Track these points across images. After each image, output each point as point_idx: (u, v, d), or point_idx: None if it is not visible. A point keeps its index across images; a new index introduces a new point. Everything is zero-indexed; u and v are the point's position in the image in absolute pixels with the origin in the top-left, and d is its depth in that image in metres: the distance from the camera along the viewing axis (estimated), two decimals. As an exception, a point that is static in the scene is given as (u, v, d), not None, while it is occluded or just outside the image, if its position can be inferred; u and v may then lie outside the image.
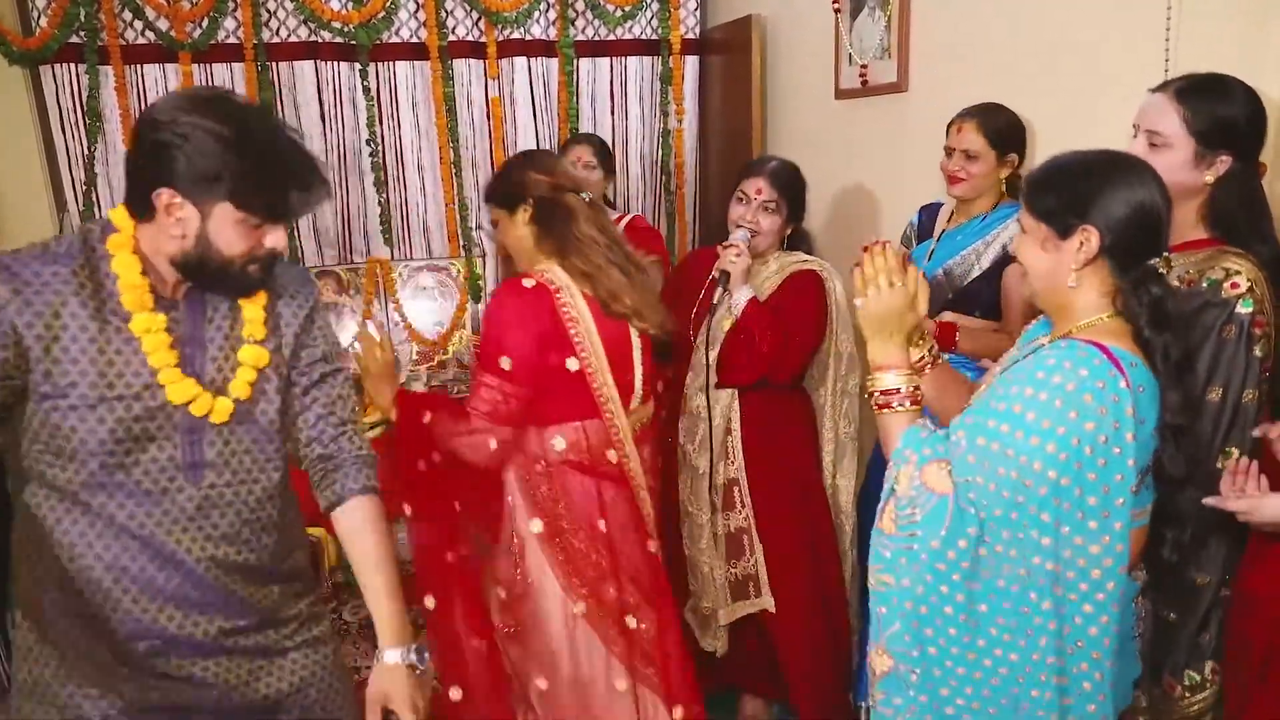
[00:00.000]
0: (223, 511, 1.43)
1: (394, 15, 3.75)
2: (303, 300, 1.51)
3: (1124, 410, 1.24)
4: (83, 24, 3.43)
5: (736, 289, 2.20)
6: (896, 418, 1.43)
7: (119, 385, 1.34)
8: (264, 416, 1.45)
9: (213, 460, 1.41)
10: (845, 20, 3.09)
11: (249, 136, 1.29)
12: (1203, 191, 1.61)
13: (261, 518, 1.47)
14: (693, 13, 4.10)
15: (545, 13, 3.92)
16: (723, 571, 2.34)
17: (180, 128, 1.26)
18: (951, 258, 2.29)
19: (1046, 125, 2.26)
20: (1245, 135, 1.57)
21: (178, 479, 1.39)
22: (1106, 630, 1.29)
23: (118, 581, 1.38)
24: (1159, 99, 1.61)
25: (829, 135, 3.36)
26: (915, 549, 1.32)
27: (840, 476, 2.40)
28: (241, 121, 1.29)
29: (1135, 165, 1.35)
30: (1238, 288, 1.52)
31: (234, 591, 1.45)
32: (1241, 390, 1.52)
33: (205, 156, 1.26)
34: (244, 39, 3.62)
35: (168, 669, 1.43)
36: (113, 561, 1.37)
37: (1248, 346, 1.52)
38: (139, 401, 1.35)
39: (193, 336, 1.40)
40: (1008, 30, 2.44)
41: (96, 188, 3.60)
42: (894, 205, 2.98)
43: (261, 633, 1.49)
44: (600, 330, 1.91)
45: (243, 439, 1.44)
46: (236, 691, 1.48)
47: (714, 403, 2.25)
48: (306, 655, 1.55)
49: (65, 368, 1.31)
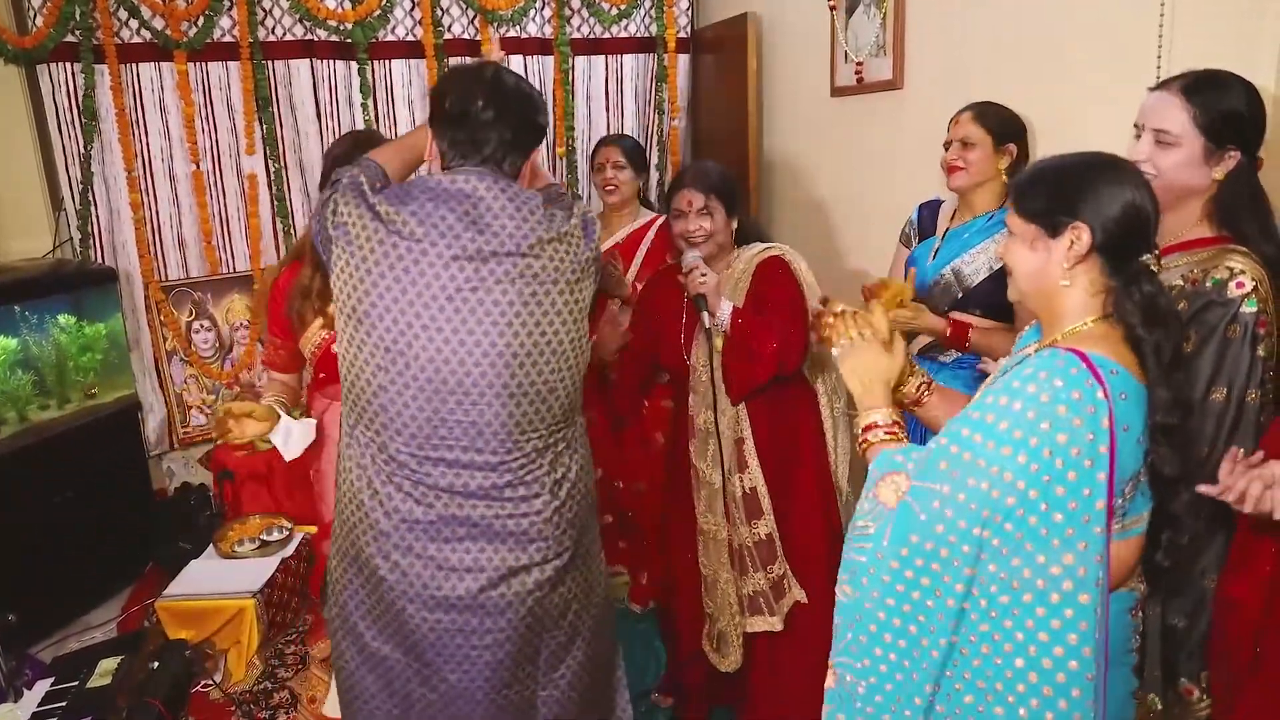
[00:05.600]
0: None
1: (390, 13, 3.76)
2: None
3: (1100, 422, 1.23)
4: (78, 23, 3.43)
5: (717, 307, 2.20)
6: (873, 449, 1.46)
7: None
8: None
9: None
10: (841, 17, 3.10)
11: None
12: (1209, 189, 1.59)
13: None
14: (686, 11, 4.11)
15: (541, 11, 3.93)
16: (747, 585, 2.30)
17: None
18: (958, 256, 2.27)
19: (1042, 122, 2.27)
20: (1251, 130, 1.56)
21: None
22: (1086, 640, 1.25)
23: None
24: (1164, 96, 1.59)
25: (824, 132, 3.37)
26: (864, 560, 1.34)
27: (839, 450, 2.42)
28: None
29: (1120, 164, 1.35)
30: (1243, 287, 1.50)
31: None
32: (1245, 390, 1.51)
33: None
34: (240, 37, 3.62)
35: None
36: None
37: (1252, 346, 1.50)
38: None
39: None
40: (1003, 27, 2.45)
41: (92, 186, 3.59)
42: (890, 202, 2.98)
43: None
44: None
45: None
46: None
47: (720, 414, 2.25)
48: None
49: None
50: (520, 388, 1.58)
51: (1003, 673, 1.28)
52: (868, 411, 1.49)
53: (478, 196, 1.56)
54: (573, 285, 1.62)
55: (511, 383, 1.57)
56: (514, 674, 1.70)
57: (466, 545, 1.62)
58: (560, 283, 1.60)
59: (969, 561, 1.26)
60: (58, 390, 3.32)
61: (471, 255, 1.53)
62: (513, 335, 1.55)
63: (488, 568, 1.63)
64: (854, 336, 1.53)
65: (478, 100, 1.60)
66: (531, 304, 1.57)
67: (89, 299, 3.44)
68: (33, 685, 2.69)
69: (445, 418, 1.56)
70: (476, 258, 1.53)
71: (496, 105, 1.60)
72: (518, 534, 1.64)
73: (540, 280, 1.58)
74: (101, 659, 2.76)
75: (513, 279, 1.55)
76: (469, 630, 1.65)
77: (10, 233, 3.58)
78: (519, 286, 1.56)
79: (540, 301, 1.58)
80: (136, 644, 2.86)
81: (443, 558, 1.62)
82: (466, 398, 1.56)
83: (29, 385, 3.22)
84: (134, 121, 3.62)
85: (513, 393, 1.57)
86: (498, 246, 1.55)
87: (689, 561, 2.39)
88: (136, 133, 3.63)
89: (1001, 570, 1.26)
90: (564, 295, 1.61)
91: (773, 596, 2.29)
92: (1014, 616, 1.26)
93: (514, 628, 1.67)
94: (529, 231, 1.57)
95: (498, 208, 1.57)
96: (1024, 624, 1.26)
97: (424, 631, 1.65)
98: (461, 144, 1.62)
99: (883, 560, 1.31)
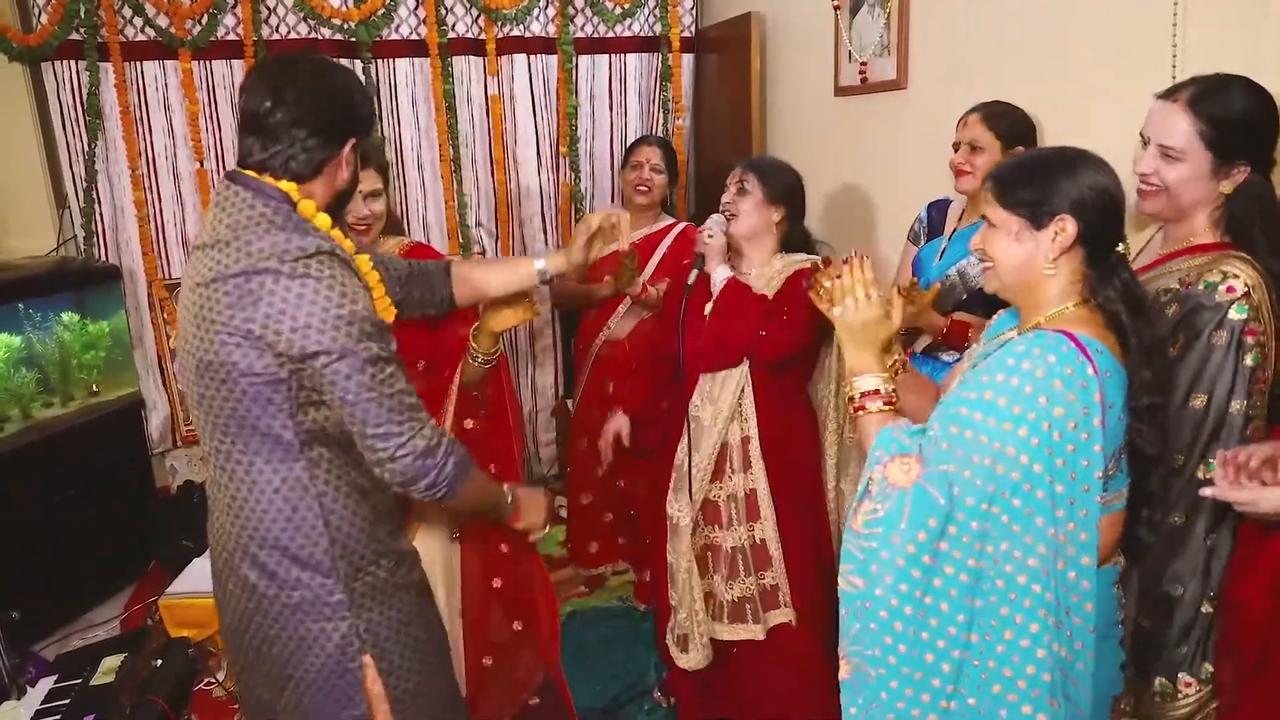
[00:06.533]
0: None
1: (394, 12, 3.76)
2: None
3: (1092, 396, 1.27)
4: (83, 21, 3.43)
5: (713, 269, 2.16)
6: (872, 418, 1.47)
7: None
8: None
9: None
10: (845, 17, 3.09)
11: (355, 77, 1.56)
12: (1218, 200, 1.54)
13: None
14: (690, 10, 4.11)
15: (545, 10, 3.92)
16: (734, 590, 2.24)
17: (338, 82, 1.49)
18: (965, 257, 2.26)
19: (1046, 121, 2.26)
20: (1261, 142, 1.50)
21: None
22: (1087, 597, 1.31)
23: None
24: (1169, 109, 1.53)
25: (828, 132, 3.37)
26: (876, 546, 1.34)
27: (845, 481, 2.34)
28: (342, 68, 1.56)
29: (1091, 157, 1.38)
30: (1233, 292, 1.44)
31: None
32: (1228, 399, 1.45)
33: (363, 103, 1.53)
34: (244, 36, 3.62)
35: None
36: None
37: (1237, 354, 1.43)
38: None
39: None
40: (1007, 27, 2.44)
41: (97, 184, 3.60)
42: (893, 202, 2.98)
43: None
44: None
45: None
46: None
47: (723, 392, 2.19)
48: None
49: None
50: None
51: (1002, 634, 1.31)
52: (865, 375, 1.51)
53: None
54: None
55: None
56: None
57: None
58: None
59: (980, 538, 1.29)
60: (61, 388, 3.33)
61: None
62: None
63: None
64: (859, 296, 1.52)
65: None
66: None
67: (92, 297, 3.44)
68: (36, 683, 2.69)
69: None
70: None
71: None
72: None
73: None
74: (104, 657, 2.77)
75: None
76: None
77: (14, 230, 3.59)
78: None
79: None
80: (139, 642, 2.86)
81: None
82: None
83: (32, 383, 3.23)
84: (138, 120, 3.62)
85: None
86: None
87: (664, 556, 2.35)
88: (141, 131, 3.63)
89: (1015, 549, 1.29)
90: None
91: (762, 605, 2.24)
92: (1019, 586, 1.30)
93: None
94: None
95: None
96: (1031, 589, 1.29)
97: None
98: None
99: (897, 544, 1.32)
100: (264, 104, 1.44)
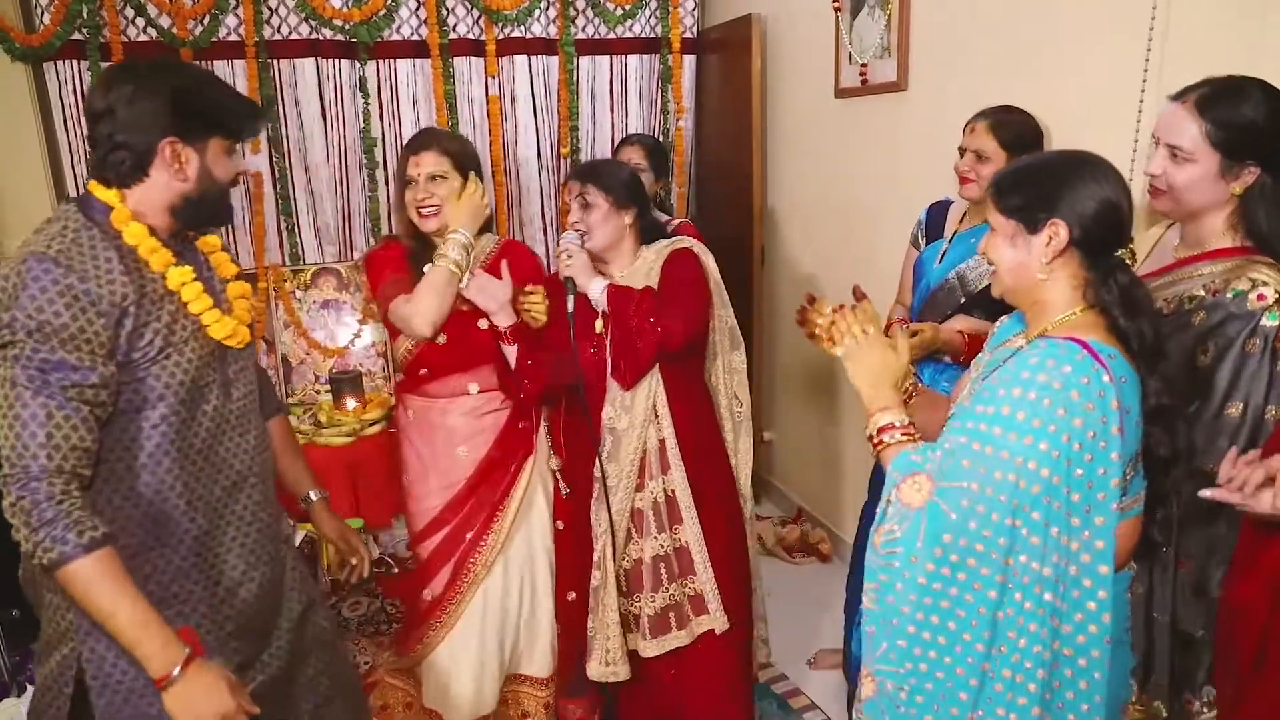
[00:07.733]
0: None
1: (395, 13, 3.77)
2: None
3: (1109, 403, 1.27)
4: (85, 21, 3.44)
5: (586, 285, 2.13)
6: (890, 450, 1.47)
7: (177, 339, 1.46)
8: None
9: (233, 378, 1.57)
10: (845, 19, 3.10)
11: (211, 78, 1.53)
12: (1231, 202, 1.55)
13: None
14: (691, 12, 4.12)
15: (545, 11, 3.93)
16: (657, 600, 2.20)
17: (157, 84, 1.42)
18: (965, 260, 2.25)
19: (1047, 124, 2.27)
20: (1272, 144, 1.51)
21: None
22: (1104, 607, 1.30)
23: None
24: (1179, 110, 1.54)
25: (828, 134, 3.38)
26: (899, 566, 1.35)
27: (737, 455, 2.32)
28: (193, 69, 1.57)
29: (1097, 162, 1.37)
30: (1264, 299, 1.45)
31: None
32: (1264, 407, 1.46)
33: (197, 101, 1.45)
34: (245, 36, 3.63)
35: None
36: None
37: (1272, 361, 1.45)
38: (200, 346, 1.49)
39: (207, 278, 1.55)
40: (1008, 29, 2.45)
41: (98, 184, 3.60)
42: (893, 204, 2.99)
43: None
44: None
45: (247, 361, 1.62)
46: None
47: (635, 397, 2.15)
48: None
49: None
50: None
51: (1016, 643, 1.32)
52: (881, 412, 1.49)
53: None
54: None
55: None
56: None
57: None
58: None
59: (1005, 552, 1.30)
60: (62, 387, 3.32)
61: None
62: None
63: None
64: (858, 334, 1.53)
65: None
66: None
67: (93, 296, 3.44)
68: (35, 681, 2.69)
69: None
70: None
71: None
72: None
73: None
74: (104, 655, 2.77)
75: None
76: None
77: (16, 230, 3.59)
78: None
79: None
80: (139, 640, 2.85)
81: None
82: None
83: (34, 382, 3.22)
84: (140, 120, 3.62)
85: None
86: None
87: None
88: (142, 131, 3.63)
89: (1033, 561, 1.29)
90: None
91: (691, 611, 2.20)
92: (1034, 596, 1.30)
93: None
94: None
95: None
96: (1043, 598, 1.30)
97: None
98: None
99: (916, 564, 1.33)
100: (91, 109, 1.44)
